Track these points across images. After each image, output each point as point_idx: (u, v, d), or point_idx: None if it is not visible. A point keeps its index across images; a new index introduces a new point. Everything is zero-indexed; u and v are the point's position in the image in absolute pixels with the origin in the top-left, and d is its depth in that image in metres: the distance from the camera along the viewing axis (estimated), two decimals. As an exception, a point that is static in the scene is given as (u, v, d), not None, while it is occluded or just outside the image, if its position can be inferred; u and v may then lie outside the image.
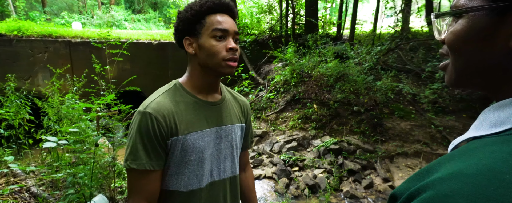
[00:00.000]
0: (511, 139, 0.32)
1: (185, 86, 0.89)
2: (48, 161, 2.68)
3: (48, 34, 4.92)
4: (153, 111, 0.79)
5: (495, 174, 0.27)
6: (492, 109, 0.38)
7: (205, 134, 0.86)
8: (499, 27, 0.36)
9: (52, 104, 2.63)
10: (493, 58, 0.37)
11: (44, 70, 4.78)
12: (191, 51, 0.84)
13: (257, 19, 8.21)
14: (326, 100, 5.08)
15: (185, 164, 0.84)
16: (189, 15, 0.82)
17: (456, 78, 0.43)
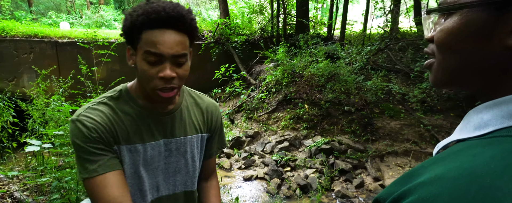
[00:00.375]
0: (493, 142, 0.31)
1: (133, 92, 0.79)
2: (33, 165, 2.60)
3: (33, 34, 4.79)
4: (86, 118, 0.72)
5: (476, 177, 0.26)
6: (476, 111, 0.38)
7: (148, 147, 0.78)
8: (495, 25, 0.34)
9: (37, 106, 2.55)
10: (488, 58, 0.35)
11: (29, 71, 4.65)
12: (131, 64, 0.74)
13: (248, 19, 8.21)
14: (317, 100, 5.11)
15: (127, 177, 0.77)
16: (125, 26, 0.69)
17: (445, 79, 0.41)
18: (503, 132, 0.32)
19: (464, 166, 0.28)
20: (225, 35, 7.10)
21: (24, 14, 13.88)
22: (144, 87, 0.74)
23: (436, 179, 0.28)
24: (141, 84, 0.74)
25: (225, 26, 7.13)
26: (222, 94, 6.52)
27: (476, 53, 0.36)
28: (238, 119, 5.67)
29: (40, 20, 13.58)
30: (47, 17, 14.43)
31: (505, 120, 0.33)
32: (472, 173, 0.27)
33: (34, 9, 15.79)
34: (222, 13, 7.67)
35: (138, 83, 0.79)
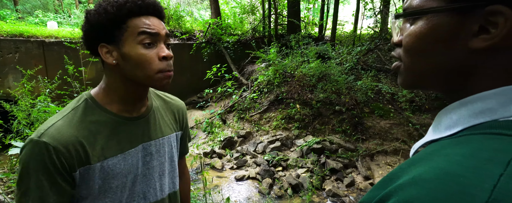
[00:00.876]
0: (462, 140, 0.33)
1: (100, 101, 0.73)
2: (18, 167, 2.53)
3: (19, 33, 4.66)
4: (51, 139, 0.63)
5: (452, 177, 0.27)
6: (446, 112, 0.39)
7: (127, 156, 0.73)
8: (459, 28, 0.35)
9: (22, 107, 2.48)
10: (453, 60, 0.37)
11: (15, 71, 4.53)
12: (112, 61, 0.68)
13: (240, 19, 8.20)
14: (308, 100, 5.14)
15: (104, 193, 0.71)
16: (104, 19, 0.66)
17: (412, 81, 0.42)
18: (471, 130, 0.34)
19: (439, 166, 0.29)
20: (217, 35, 7.08)
21: (9, 13, 13.52)
22: (140, 75, 0.68)
23: (414, 181, 0.29)
24: (134, 74, 0.68)
25: (216, 26, 7.11)
26: (214, 94, 6.49)
27: (442, 56, 0.37)
28: (230, 119, 5.66)
29: (27, 19, 13.23)
30: (34, 16, 14.08)
31: (471, 119, 0.34)
32: (447, 173, 0.28)
33: (20, 8, 15.39)
34: (213, 13, 7.64)
35: (108, 90, 0.73)
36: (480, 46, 0.34)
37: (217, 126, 5.48)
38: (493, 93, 0.34)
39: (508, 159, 0.27)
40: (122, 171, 0.72)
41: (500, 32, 0.32)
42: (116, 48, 0.68)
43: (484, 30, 0.34)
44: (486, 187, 0.25)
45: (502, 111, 0.32)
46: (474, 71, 0.36)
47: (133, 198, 0.76)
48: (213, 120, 5.67)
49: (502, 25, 0.32)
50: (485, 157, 0.28)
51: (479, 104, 0.34)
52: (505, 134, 0.30)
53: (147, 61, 0.67)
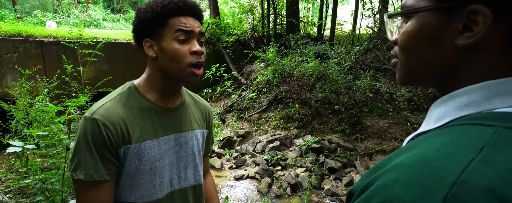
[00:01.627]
0: (446, 131, 0.35)
1: (141, 89, 0.82)
2: (17, 167, 2.53)
3: (17, 33, 4.65)
4: (102, 117, 0.72)
5: (428, 162, 0.29)
6: (436, 105, 0.41)
7: (161, 142, 0.81)
8: (445, 27, 0.37)
9: (20, 107, 2.48)
10: (441, 56, 0.39)
11: (13, 71, 4.52)
12: (152, 54, 0.78)
13: (239, 19, 8.20)
14: (307, 100, 5.15)
15: (139, 175, 0.78)
16: (149, 16, 0.76)
17: (407, 77, 0.44)
18: (456, 122, 0.36)
19: (419, 153, 0.31)
20: (216, 35, 7.08)
21: (8, 13, 13.48)
22: (173, 68, 0.76)
23: (396, 166, 0.31)
24: (169, 67, 0.76)
25: (215, 26, 7.11)
26: (213, 94, 6.49)
27: (431, 53, 0.40)
28: (229, 119, 5.66)
29: (25, 19, 13.20)
30: (33, 16, 14.05)
31: (458, 111, 0.37)
32: (425, 159, 0.30)
33: (18, 8, 15.36)
34: (212, 12, 7.64)
35: (149, 80, 0.82)
36: (464, 43, 0.36)
37: (216, 125, 5.48)
38: (478, 87, 0.36)
39: (481, 146, 0.29)
40: (156, 155, 0.79)
41: (480, 30, 0.34)
42: (156, 43, 0.77)
43: (467, 28, 0.36)
44: (457, 170, 0.27)
45: (485, 104, 0.35)
46: (461, 67, 0.38)
47: (163, 183, 0.82)
48: (212, 119, 5.67)
49: (482, 23, 0.34)
50: (461, 144, 0.30)
51: (465, 97, 0.37)
52: (485, 125, 0.32)
53: (180, 55, 0.75)
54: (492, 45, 0.35)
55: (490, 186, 0.25)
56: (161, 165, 0.81)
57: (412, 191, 0.27)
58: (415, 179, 0.28)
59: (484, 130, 0.31)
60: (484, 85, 0.35)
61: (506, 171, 0.26)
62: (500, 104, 0.34)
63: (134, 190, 0.79)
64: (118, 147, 0.75)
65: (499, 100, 0.34)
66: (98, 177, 0.73)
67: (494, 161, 0.27)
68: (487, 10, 0.34)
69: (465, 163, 0.27)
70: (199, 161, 0.92)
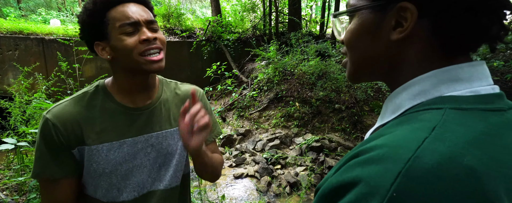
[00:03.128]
0: (403, 119, 0.38)
1: (110, 89, 0.78)
2: (15, 164, 2.54)
3: (18, 30, 4.68)
4: (52, 116, 0.71)
5: (387, 144, 0.32)
6: (390, 98, 0.43)
7: (124, 144, 0.76)
8: (381, 23, 0.41)
9: (17, 104, 2.48)
10: (380, 50, 0.42)
11: (14, 68, 4.55)
12: (107, 56, 0.73)
13: (240, 17, 8.16)
14: (308, 98, 5.11)
15: (99, 176, 0.75)
16: (86, 17, 0.70)
17: (354, 72, 0.47)
18: (411, 110, 0.39)
19: (381, 139, 0.34)
20: (217, 33, 7.06)
21: (13, 11, 13.58)
22: (129, 63, 0.71)
23: (359, 152, 0.33)
24: (125, 63, 0.72)
25: (216, 24, 7.08)
26: (214, 92, 6.48)
27: (372, 48, 0.43)
28: (230, 117, 5.65)
29: (30, 17, 13.29)
30: (37, 14, 14.14)
31: (412, 101, 0.40)
32: (385, 142, 0.32)
33: (23, 6, 15.46)
34: (213, 10, 7.62)
35: (115, 80, 0.78)
36: (397, 38, 0.40)
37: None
38: (426, 77, 0.39)
39: (433, 126, 0.32)
40: (116, 158, 0.75)
41: (408, 25, 0.38)
42: (107, 43, 0.72)
43: (399, 24, 0.39)
44: (412, 147, 0.30)
45: (433, 91, 0.38)
46: (399, 59, 0.42)
47: (128, 185, 0.78)
48: (213, 118, 5.66)
49: (409, 18, 0.38)
50: (416, 126, 0.33)
51: (416, 87, 0.40)
52: (434, 108, 0.36)
53: (130, 47, 0.70)
54: (421, 37, 0.39)
55: (440, 160, 0.28)
56: (125, 168, 0.77)
57: (369, 169, 0.30)
58: (375, 160, 0.30)
59: (434, 112, 0.35)
60: (432, 74, 0.38)
61: (454, 146, 0.29)
62: (446, 90, 0.37)
63: (97, 190, 0.77)
64: (71, 148, 0.73)
65: (445, 87, 0.37)
66: (45, 175, 0.72)
67: (444, 138, 0.30)
68: (413, 6, 0.37)
69: (420, 141, 0.30)
70: (177, 160, 0.86)
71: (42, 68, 4.75)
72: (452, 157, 0.28)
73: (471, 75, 0.37)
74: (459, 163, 0.27)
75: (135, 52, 0.70)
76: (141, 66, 0.72)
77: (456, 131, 0.31)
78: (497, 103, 0.36)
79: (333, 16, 0.50)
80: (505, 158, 0.30)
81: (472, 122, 0.33)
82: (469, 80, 0.37)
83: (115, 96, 0.78)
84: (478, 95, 0.36)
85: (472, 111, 0.34)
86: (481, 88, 0.37)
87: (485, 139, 0.31)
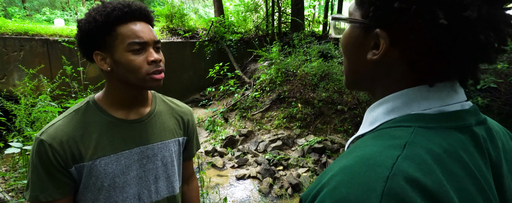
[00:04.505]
0: (377, 134, 0.40)
1: (101, 103, 0.79)
2: (21, 165, 2.57)
3: (23, 31, 4.72)
4: (48, 137, 0.71)
5: (364, 161, 0.34)
6: (369, 111, 0.46)
7: (121, 156, 0.77)
8: (364, 40, 0.43)
9: (23, 106, 2.51)
10: (363, 65, 0.45)
11: (20, 69, 4.59)
12: (106, 68, 0.74)
13: (243, 17, 8.16)
14: (310, 99, 5.11)
15: (98, 191, 0.76)
16: (94, 28, 0.70)
17: (346, 80, 0.50)
18: (385, 125, 0.41)
19: (358, 154, 0.36)
20: (220, 33, 7.06)
21: (18, 10, 13.69)
22: (132, 79, 0.73)
23: (340, 170, 0.35)
24: (127, 78, 0.73)
25: (219, 24, 7.09)
26: (216, 93, 6.50)
27: (357, 61, 0.46)
28: (232, 118, 5.66)
29: (34, 16, 13.39)
30: (41, 14, 14.23)
31: (386, 116, 0.42)
32: (362, 159, 0.34)
33: (27, 5, 15.58)
34: (216, 11, 7.62)
35: (109, 93, 0.78)
36: (371, 58, 0.42)
37: (219, 124, 5.49)
38: (399, 94, 0.42)
39: (404, 143, 0.35)
40: (114, 171, 0.75)
41: (381, 49, 0.41)
42: (109, 55, 0.73)
43: (377, 46, 0.42)
44: (388, 164, 0.32)
45: (405, 109, 0.41)
46: (376, 77, 0.45)
47: (126, 199, 0.79)
48: (215, 118, 5.68)
49: (382, 44, 0.40)
50: (388, 143, 0.36)
51: (390, 103, 0.42)
52: (404, 126, 0.38)
53: (137, 66, 0.72)
54: (392, 62, 0.42)
55: (413, 177, 0.31)
56: (122, 181, 0.78)
57: (355, 189, 0.31)
58: (356, 178, 0.32)
59: (404, 130, 0.38)
60: (404, 92, 0.41)
61: (423, 164, 0.32)
62: (416, 108, 0.40)
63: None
64: (68, 167, 0.73)
65: (415, 105, 0.40)
66: (44, 197, 0.72)
67: (414, 156, 0.33)
68: (385, 35, 0.40)
69: (394, 158, 0.33)
70: (172, 171, 0.88)
71: (46, 69, 4.79)
72: (422, 175, 0.31)
73: (440, 95, 0.40)
74: (431, 179, 0.31)
75: (142, 71, 0.72)
76: (144, 83, 0.74)
77: (424, 148, 0.34)
78: (464, 119, 0.39)
79: (332, 19, 0.51)
80: (460, 173, 0.34)
81: (437, 140, 0.36)
82: (438, 99, 0.40)
83: (108, 110, 0.78)
84: (445, 112, 0.39)
85: (438, 129, 0.37)
86: (449, 106, 0.39)
87: (446, 156, 0.34)
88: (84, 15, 0.74)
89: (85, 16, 0.73)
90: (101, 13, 0.70)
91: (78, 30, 0.74)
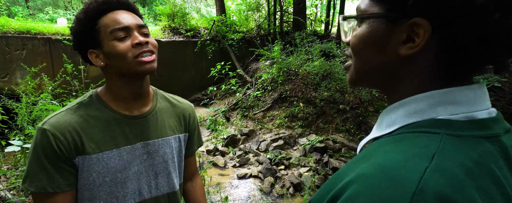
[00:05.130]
0: (398, 138, 0.37)
1: (104, 98, 0.79)
2: (22, 164, 2.58)
3: (26, 30, 4.73)
4: (51, 127, 0.70)
5: (386, 172, 0.31)
6: (387, 112, 0.43)
7: (123, 152, 0.77)
8: (391, 35, 0.39)
9: (24, 105, 2.52)
10: (385, 63, 0.41)
11: (22, 67, 4.61)
12: (101, 64, 0.75)
13: (245, 16, 8.15)
14: (312, 99, 5.09)
15: (99, 187, 0.75)
16: (78, 26, 0.73)
17: (355, 78, 0.46)
18: (405, 129, 0.38)
19: (377, 162, 0.33)
20: (221, 32, 7.06)
21: (21, 9, 13.76)
22: (123, 67, 0.73)
23: (358, 177, 0.32)
24: (120, 68, 0.74)
25: (221, 23, 7.08)
26: (218, 92, 6.49)
27: (377, 58, 0.42)
28: (234, 117, 5.66)
29: (37, 15, 13.44)
30: (44, 13, 14.30)
31: (407, 118, 0.39)
32: (384, 168, 0.31)
33: (31, 5, 15.65)
34: (218, 10, 7.62)
35: (110, 88, 0.79)
36: (406, 53, 0.38)
37: (221, 123, 5.49)
38: (424, 96, 0.38)
39: (432, 153, 0.31)
40: (116, 165, 0.75)
41: (420, 42, 0.37)
42: (100, 50, 0.74)
43: (410, 39, 0.38)
44: (414, 178, 0.29)
45: (430, 112, 0.37)
46: (403, 75, 0.41)
47: (127, 194, 0.78)
48: (217, 117, 5.67)
49: (422, 36, 0.36)
50: (414, 152, 0.32)
51: (412, 105, 0.39)
52: (430, 132, 0.35)
53: (123, 52, 0.72)
54: (427, 56, 0.38)
55: (443, 193, 0.28)
56: (124, 176, 0.77)
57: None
58: (378, 191, 0.29)
59: (431, 137, 0.34)
60: (430, 94, 0.38)
61: (454, 179, 0.29)
62: (443, 112, 0.37)
63: (94, 202, 0.76)
64: (72, 157, 0.72)
65: (442, 109, 0.37)
66: (52, 188, 0.70)
67: (444, 169, 0.30)
68: (427, 24, 0.36)
69: (421, 171, 0.29)
70: (173, 168, 0.88)
71: (48, 68, 4.81)
72: (453, 191, 0.28)
73: (469, 99, 0.37)
74: (462, 195, 0.28)
75: (129, 55, 0.72)
76: (134, 68, 0.73)
77: (454, 160, 0.31)
78: (492, 128, 0.36)
79: (342, 19, 0.48)
80: (492, 189, 0.31)
81: (467, 150, 0.33)
82: (466, 103, 0.37)
83: (110, 104, 0.78)
84: (474, 120, 0.36)
85: (467, 138, 0.34)
86: (477, 113, 0.36)
87: (478, 169, 0.31)
88: (74, 18, 0.76)
89: (73, 20, 0.75)
90: (82, 11, 0.73)
91: (71, 33, 0.76)
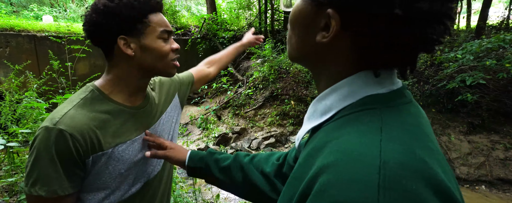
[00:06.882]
0: (341, 122, 0.38)
1: (106, 91, 0.76)
2: (6, 164, 2.50)
3: (9, 27, 4.58)
4: (68, 127, 0.65)
5: (347, 155, 0.31)
6: (320, 99, 0.43)
7: (135, 141, 0.79)
8: (315, 19, 0.40)
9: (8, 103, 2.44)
10: (312, 46, 0.42)
11: (5, 65, 4.47)
12: (131, 53, 0.73)
13: (235, 14, 8.12)
14: (303, 96, 5.12)
15: (114, 178, 0.75)
16: (129, 12, 0.71)
17: (292, 53, 0.46)
18: (344, 111, 0.39)
19: (335, 149, 0.33)
20: (212, 30, 7.02)
21: (4, 6, 13.32)
22: (159, 65, 0.77)
23: (322, 168, 0.31)
24: (153, 64, 0.77)
25: (212, 22, 7.04)
26: (209, 90, 6.45)
27: (304, 37, 0.43)
28: (225, 116, 5.63)
29: (22, 13, 13.03)
30: (29, 10, 13.88)
31: (342, 102, 0.40)
32: (343, 152, 0.31)
33: (14, 1, 15.17)
34: (209, 8, 7.57)
35: (118, 80, 0.77)
36: (320, 40, 0.40)
37: (212, 122, 5.46)
38: (353, 78, 0.40)
39: (379, 126, 0.33)
40: (130, 156, 0.77)
41: (330, 33, 0.38)
42: (136, 40, 0.73)
43: (327, 27, 0.39)
44: (374, 153, 0.29)
45: (362, 92, 0.39)
46: (322, 59, 0.42)
47: (138, 179, 0.82)
48: (208, 116, 5.64)
49: (333, 27, 0.38)
50: (363, 130, 0.33)
51: (345, 88, 0.40)
52: (369, 108, 0.37)
53: (166, 53, 0.77)
54: (341, 46, 0.39)
55: (402, 160, 0.29)
56: (137, 164, 0.80)
57: (347, 189, 0.28)
58: (346, 175, 0.29)
59: (371, 113, 0.36)
60: (357, 76, 0.39)
61: (404, 144, 0.31)
62: (371, 90, 0.38)
63: (109, 194, 0.76)
64: (86, 157, 0.69)
65: (370, 88, 0.39)
66: (62, 191, 0.67)
67: (394, 137, 0.31)
68: (338, 17, 0.37)
69: (377, 145, 0.30)
70: (173, 139, 0.95)
71: (34, 65, 4.68)
72: (408, 159, 0.29)
73: (387, 75, 0.39)
74: (416, 158, 0.29)
75: (169, 58, 0.78)
76: (169, 69, 0.80)
77: (398, 127, 0.33)
78: (407, 95, 0.40)
79: None
80: (432, 146, 0.33)
81: (403, 116, 0.35)
82: (386, 78, 0.39)
83: (115, 98, 0.77)
84: (394, 90, 0.39)
85: (398, 107, 0.37)
86: (393, 85, 0.40)
87: (416, 130, 0.34)
88: (114, 1, 0.71)
89: (117, 1, 0.70)
90: (139, 1, 0.73)
91: (102, 13, 0.70)
